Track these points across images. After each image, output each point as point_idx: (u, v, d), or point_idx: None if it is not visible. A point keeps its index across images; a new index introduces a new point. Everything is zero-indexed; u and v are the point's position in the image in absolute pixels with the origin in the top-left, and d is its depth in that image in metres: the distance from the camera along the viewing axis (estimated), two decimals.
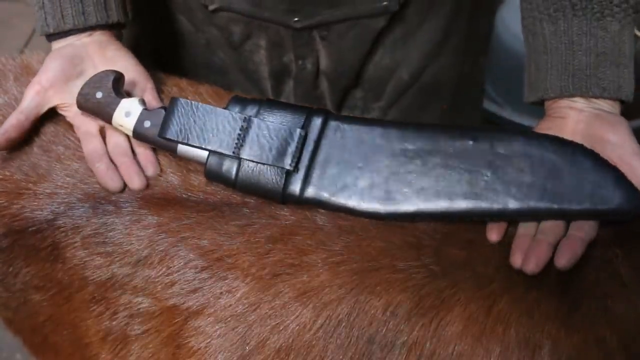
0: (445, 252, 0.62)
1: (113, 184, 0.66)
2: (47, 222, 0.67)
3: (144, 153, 0.69)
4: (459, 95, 0.96)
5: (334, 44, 0.83)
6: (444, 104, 0.96)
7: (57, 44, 0.72)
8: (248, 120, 0.65)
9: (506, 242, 0.62)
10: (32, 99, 0.69)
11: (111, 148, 0.69)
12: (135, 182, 0.67)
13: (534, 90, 0.70)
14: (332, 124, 0.66)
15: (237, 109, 0.66)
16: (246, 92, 0.78)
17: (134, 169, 0.67)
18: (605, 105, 0.66)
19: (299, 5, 0.78)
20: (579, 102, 0.67)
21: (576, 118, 0.66)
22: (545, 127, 0.68)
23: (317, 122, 0.66)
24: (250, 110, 0.66)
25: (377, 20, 0.81)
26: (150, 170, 0.68)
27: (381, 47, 0.86)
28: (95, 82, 0.68)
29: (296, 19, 0.79)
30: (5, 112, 0.72)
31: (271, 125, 0.65)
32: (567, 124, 0.66)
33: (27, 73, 0.75)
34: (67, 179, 0.68)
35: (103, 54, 0.72)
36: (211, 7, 0.81)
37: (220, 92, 0.76)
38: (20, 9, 2.35)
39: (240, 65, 0.88)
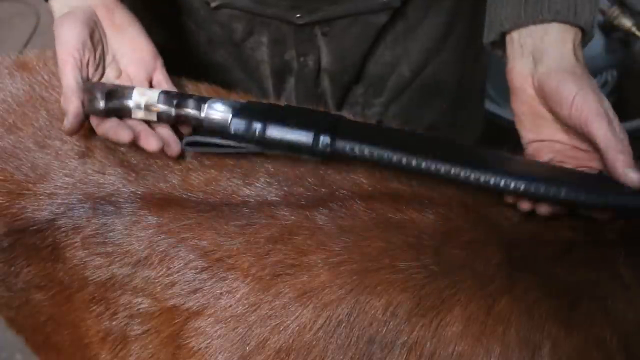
0: (445, 252, 0.62)
1: (125, 135, 0.65)
2: (48, 222, 0.67)
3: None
4: (460, 92, 0.97)
5: (335, 40, 0.83)
6: (444, 102, 0.96)
7: (59, 3, 0.69)
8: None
9: (505, 242, 0.62)
10: (72, 75, 0.66)
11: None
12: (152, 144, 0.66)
13: (493, 27, 0.67)
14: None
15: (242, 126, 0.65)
16: (247, 91, 0.79)
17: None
18: (566, 36, 0.63)
19: (301, 1, 0.78)
20: (537, 51, 0.64)
21: (532, 89, 0.64)
22: (517, 107, 0.66)
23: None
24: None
25: (378, 16, 0.81)
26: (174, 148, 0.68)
27: (382, 43, 0.86)
28: (88, 91, 0.66)
29: (298, 15, 0.79)
30: (1, 108, 0.72)
31: None
32: (526, 91, 0.64)
33: (23, 70, 0.75)
34: (67, 178, 0.68)
35: (111, 19, 0.70)
36: (213, 4, 0.81)
37: (220, 91, 0.76)
38: (20, 9, 2.35)
39: (242, 63, 0.88)
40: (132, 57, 0.70)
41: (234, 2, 0.80)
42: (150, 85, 0.71)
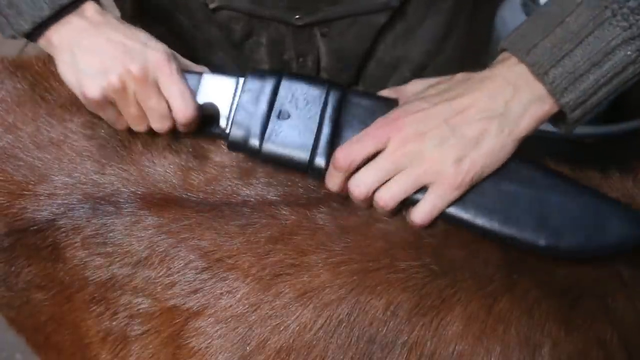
0: (446, 252, 0.62)
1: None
2: (48, 222, 0.67)
3: None
4: None
5: (334, 40, 0.83)
6: None
7: (45, 40, 0.66)
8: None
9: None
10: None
11: None
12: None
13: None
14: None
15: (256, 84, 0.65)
16: None
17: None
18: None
19: (299, 2, 0.78)
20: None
21: None
22: None
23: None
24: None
25: (377, 17, 0.81)
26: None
27: (382, 43, 0.86)
28: None
29: (297, 16, 0.79)
30: (0, 108, 0.72)
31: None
32: None
33: (23, 70, 0.75)
34: (67, 179, 0.68)
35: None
36: (212, 6, 0.81)
37: None
38: None
39: (241, 64, 0.88)
40: None
41: (232, 3, 0.80)
42: None
